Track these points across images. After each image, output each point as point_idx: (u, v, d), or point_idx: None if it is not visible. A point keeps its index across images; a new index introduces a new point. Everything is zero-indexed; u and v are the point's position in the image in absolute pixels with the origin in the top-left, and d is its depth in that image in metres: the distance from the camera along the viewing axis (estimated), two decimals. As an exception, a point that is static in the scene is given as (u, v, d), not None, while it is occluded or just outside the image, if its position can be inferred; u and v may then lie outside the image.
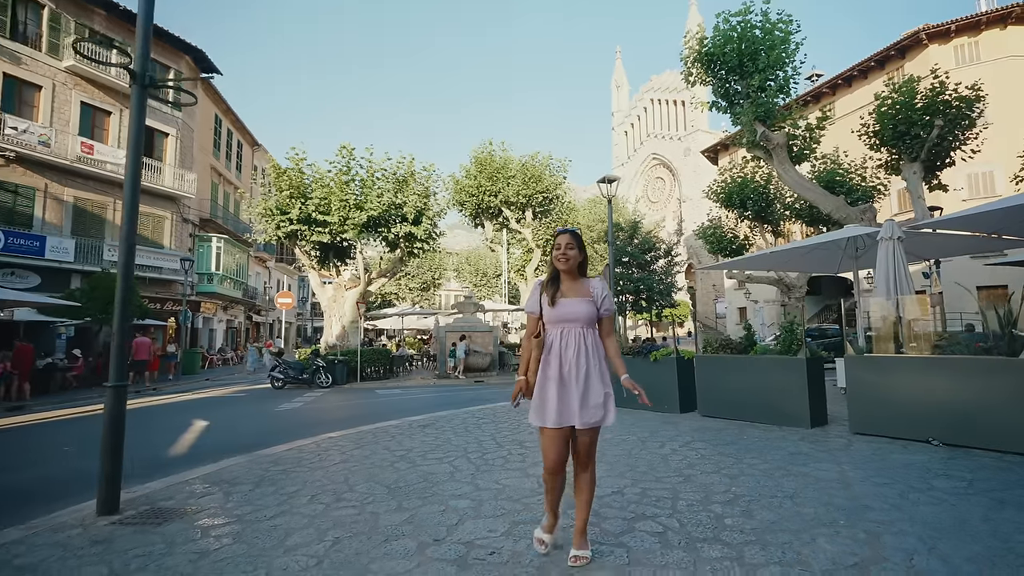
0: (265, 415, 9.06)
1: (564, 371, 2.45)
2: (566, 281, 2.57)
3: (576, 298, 2.52)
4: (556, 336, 2.51)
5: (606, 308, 2.57)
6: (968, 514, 2.97)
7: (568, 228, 2.62)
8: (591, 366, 2.46)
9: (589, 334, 2.51)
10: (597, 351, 2.51)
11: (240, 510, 3.39)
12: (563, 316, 2.49)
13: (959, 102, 12.44)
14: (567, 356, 2.45)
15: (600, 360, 2.50)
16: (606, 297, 2.58)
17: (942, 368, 4.76)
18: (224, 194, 26.49)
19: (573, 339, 2.48)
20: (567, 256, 2.53)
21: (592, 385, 2.44)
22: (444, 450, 5.16)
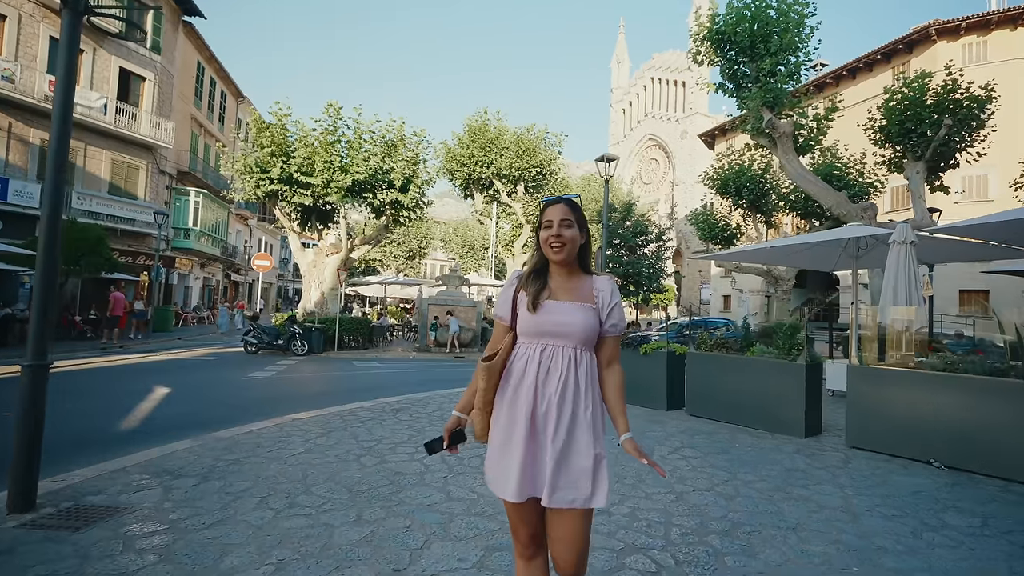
0: (232, 384, 8.61)
1: (538, 412, 1.61)
2: (558, 276, 1.73)
3: (570, 302, 1.68)
4: (533, 357, 1.65)
5: (613, 323, 1.69)
6: (989, 565, 2.68)
7: (563, 196, 1.76)
8: (580, 409, 1.62)
9: (583, 359, 1.66)
10: (592, 387, 1.66)
11: (177, 513, 2.98)
12: (547, 327, 1.65)
13: (970, 102, 12.07)
14: (546, 389, 1.62)
15: (595, 402, 1.65)
16: (615, 306, 1.70)
17: (952, 386, 4.48)
18: (205, 146, 25.37)
19: (559, 364, 1.63)
20: (561, 239, 1.66)
21: (578, 440, 1.60)
22: (416, 442, 4.78)
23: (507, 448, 1.62)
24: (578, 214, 1.72)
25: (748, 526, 3.08)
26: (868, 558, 2.71)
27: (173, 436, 4.87)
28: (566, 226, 1.68)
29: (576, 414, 1.63)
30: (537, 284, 1.72)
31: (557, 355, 1.66)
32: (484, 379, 1.69)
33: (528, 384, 1.64)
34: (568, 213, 1.70)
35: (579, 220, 1.72)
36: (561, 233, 1.67)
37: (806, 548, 2.81)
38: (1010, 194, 18.72)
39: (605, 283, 1.73)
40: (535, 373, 1.65)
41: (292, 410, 6.19)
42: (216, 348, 14.70)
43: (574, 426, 1.62)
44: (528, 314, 1.69)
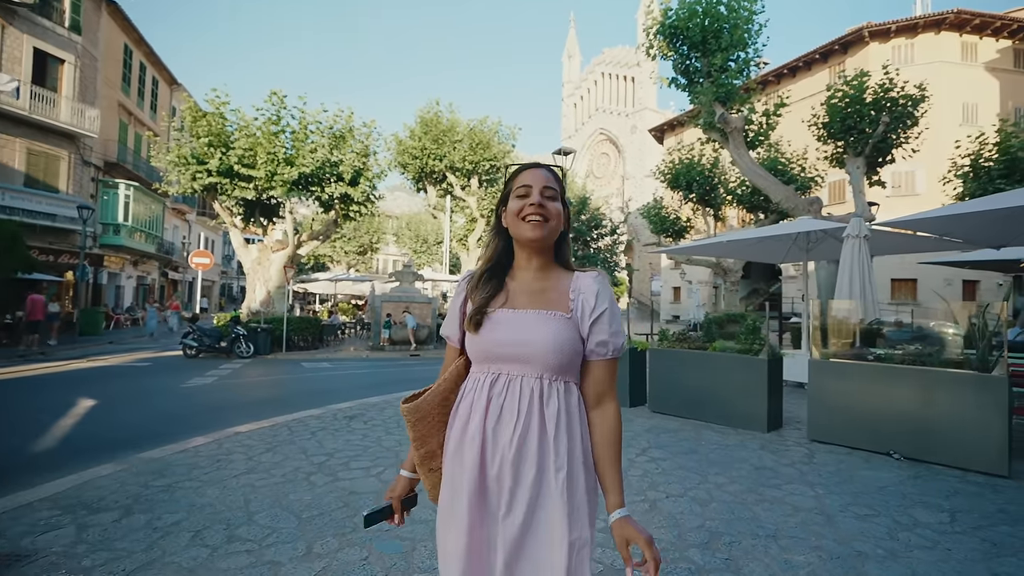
0: (167, 394, 7.95)
1: (488, 474, 1.16)
2: (523, 274, 1.27)
3: (536, 310, 1.21)
4: (480, 393, 1.20)
5: (601, 339, 1.19)
6: (970, 568, 2.64)
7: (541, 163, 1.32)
8: (549, 471, 1.13)
9: (556, 394, 1.16)
10: (571, 436, 1.16)
11: (91, 558, 2.57)
12: (496, 348, 1.19)
13: (905, 100, 12.63)
14: (497, 441, 1.15)
15: (577, 459, 1.15)
16: (604, 314, 1.19)
17: (911, 379, 4.53)
18: (135, 136, 23.68)
19: (515, 402, 1.16)
20: (543, 209, 1.21)
21: (546, 519, 1.12)
22: (372, 455, 4.46)
23: (449, 525, 1.19)
24: (561, 187, 1.28)
25: (727, 536, 2.95)
26: (852, 567, 2.61)
27: (95, 459, 4.35)
28: (549, 197, 1.23)
29: (543, 479, 1.12)
30: (489, 287, 1.26)
31: (513, 389, 1.16)
32: (410, 428, 1.29)
33: (473, 434, 1.17)
34: (552, 181, 1.25)
35: (562, 196, 1.28)
36: (544, 203, 1.21)
37: (789, 558, 2.70)
38: (937, 188, 19.86)
39: (589, 281, 1.21)
40: (481, 417, 1.17)
41: (235, 421, 5.72)
42: (151, 352, 13.71)
43: (539, 497, 1.12)
44: (472, 332, 1.23)
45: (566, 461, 1.13)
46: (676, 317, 35.13)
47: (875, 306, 5.89)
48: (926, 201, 21.99)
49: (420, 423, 1.28)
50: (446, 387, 1.30)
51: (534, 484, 1.12)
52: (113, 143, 21.55)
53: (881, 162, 13.67)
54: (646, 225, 28.06)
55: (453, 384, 1.30)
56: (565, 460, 1.13)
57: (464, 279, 1.34)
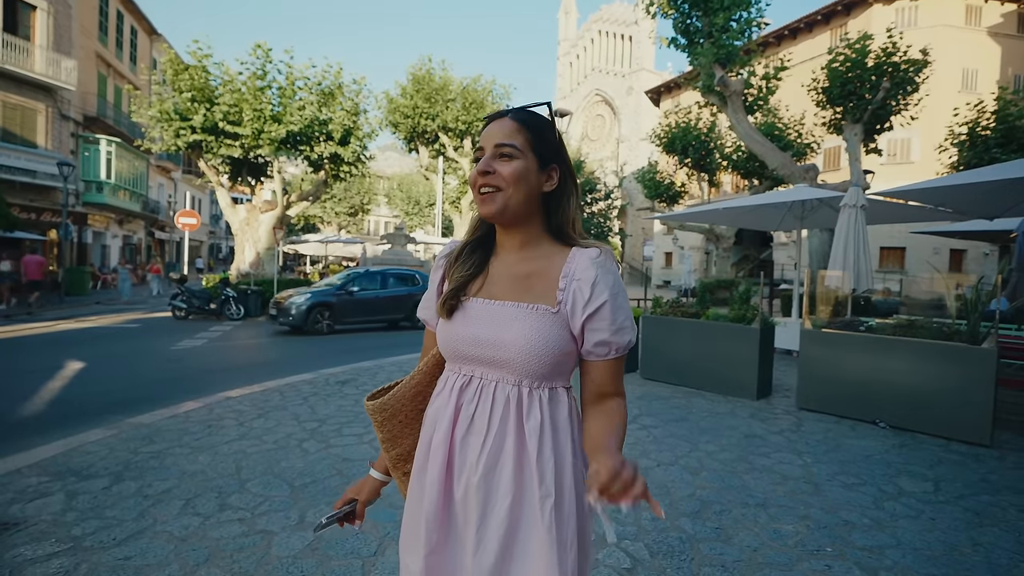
0: (157, 356, 7.89)
1: (453, 497, 0.97)
2: (506, 253, 1.05)
3: (515, 302, 0.98)
4: (450, 398, 1.00)
5: (601, 338, 0.95)
6: (953, 538, 2.69)
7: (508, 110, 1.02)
8: (530, 501, 0.92)
9: (538, 405, 0.95)
10: (557, 455, 0.94)
11: (81, 527, 2.55)
12: (466, 347, 0.99)
13: (907, 65, 12.37)
14: (466, 457, 0.95)
15: (566, 484, 0.94)
16: (604, 306, 0.93)
17: (902, 350, 4.56)
18: (115, 89, 22.83)
19: (486, 413, 0.95)
20: (490, 178, 0.97)
21: (527, 557, 0.92)
22: (365, 421, 4.45)
23: (409, 546, 1.01)
24: (535, 135, 0.98)
25: (717, 504, 2.99)
26: (839, 536, 2.66)
27: (83, 423, 4.32)
28: (504, 155, 0.96)
29: (522, 509, 0.92)
30: (468, 266, 1.04)
31: (486, 397, 0.95)
32: (377, 428, 1.10)
33: (437, 447, 0.97)
34: (513, 133, 0.97)
35: (538, 145, 0.98)
36: (492, 167, 0.96)
37: (778, 528, 2.74)
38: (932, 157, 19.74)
39: (585, 263, 0.95)
40: (448, 428, 0.97)
41: (226, 385, 5.69)
42: (139, 314, 13.58)
43: (518, 530, 0.92)
44: (444, 320, 1.02)
45: (554, 487, 0.91)
46: (667, 282, 35.31)
47: (869, 276, 5.89)
48: (921, 169, 21.90)
49: (389, 422, 1.10)
50: (421, 380, 1.11)
51: (510, 514, 0.91)
52: (92, 96, 20.78)
53: (879, 129, 13.50)
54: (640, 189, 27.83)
55: (430, 377, 1.10)
56: (552, 486, 0.91)
57: (444, 252, 1.11)
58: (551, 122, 1.03)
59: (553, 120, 1.04)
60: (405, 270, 12.73)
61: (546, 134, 1.00)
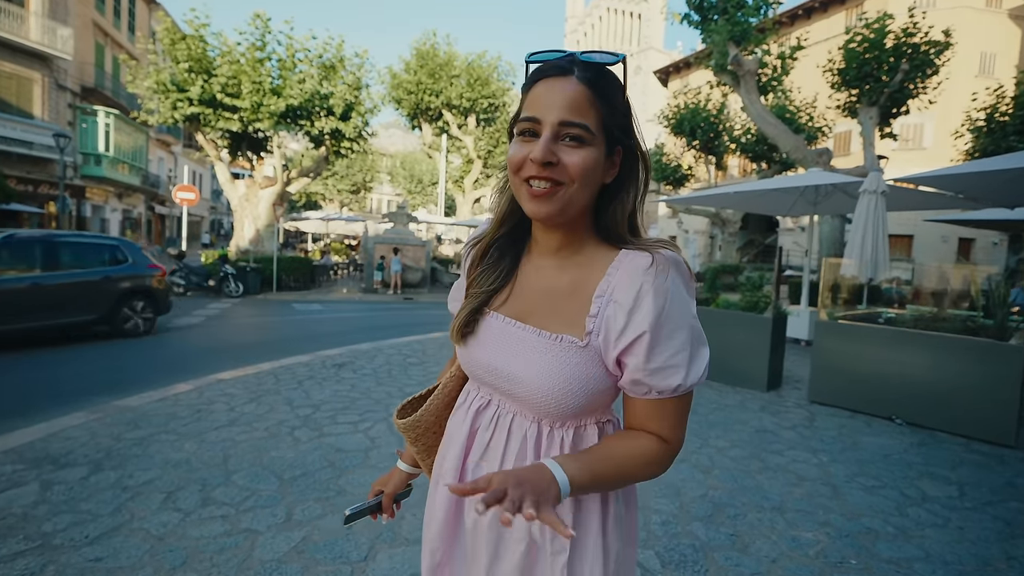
0: (151, 334, 7.72)
1: (466, 518, 0.85)
2: (540, 255, 0.83)
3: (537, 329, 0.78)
4: (465, 419, 0.87)
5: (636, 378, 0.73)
6: (985, 550, 2.52)
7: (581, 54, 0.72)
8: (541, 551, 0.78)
9: (556, 444, 0.78)
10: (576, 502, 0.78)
11: (53, 522, 2.39)
12: (484, 373, 0.83)
13: (928, 47, 11.94)
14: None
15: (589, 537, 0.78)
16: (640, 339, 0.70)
17: (922, 344, 4.36)
18: (113, 60, 22.34)
19: (501, 446, 0.81)
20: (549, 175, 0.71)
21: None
22: (360, 407, 4.29)
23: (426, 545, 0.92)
24: (607, 108, 0.73)
25: (731, 508, 2.82)
26: (863, 546, 2.49)
27: (68, 404, 4.16)
28: (571, 139, 0.71)
29: (535, 564, 0.79)
30: (492, 278, 0.85)
31: (502, 427, 0.82)
32: (410, 444, 1.00)
33: (449, 471, 0.86)
34: (583, 106, 0.71)
35: (611, 124, 0.73)
36: (555, 156, 0.70)
37: (797, 535, 2.57)
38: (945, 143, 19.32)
39: (627, 275, 0.72)
40: (460, 453, 0.85)
41: (219, 366, 5.52)
42: (137, 290, 13.38)
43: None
44: (459, 338, 0.86)
45: (569, 542, 0.76)
46: (671, 267, 34.92)
47: (886, 265, 5.65)
48: (933, 155, 21.46)
49: (423, 437, 0.98)
50: (454, 387, 0.97)
51: (522, 564, 0.79)
52: (90, 67, 20.33)
53: (895, 113, 13.11)
54: (646, 172, 27.31)
55: (462, 382, 0.97)
56: (568, 541, 0.76)
57: (472, 238, 0.91)
58: (622, 84, 0.75)
59: (625, 81, 0.76)
60: (91, 237, 7.63)
61: (620, 106, 0.75)
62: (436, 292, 16.87)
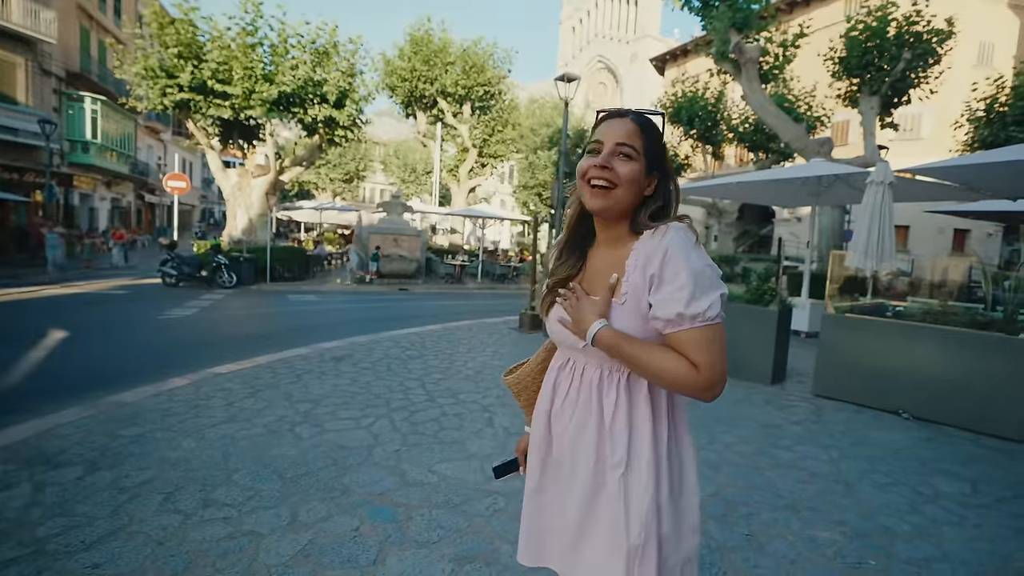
0: (144, 326, 7.59)
1: (551, 456, 1.14)
2: (600, 243, 1.11)
3: (599, 291, 1.06)
4: (550, 377, 1.17)
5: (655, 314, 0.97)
6: (1003, 548, 2.49)
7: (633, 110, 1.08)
8: (606, 467, 1.03)
9: (615, 387, 1.04)
10: (631, 430, 1.02)
11: (46, 527, 2.29)
12: (557, 338, 1.15)
13: (931, 35, 11.85)
14: (558, 427, 1.11)
15: (640, 459, 1.01)
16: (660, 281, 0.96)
17: (930, 337, 4.32)
18: (99, 44, 21.85)
19: (576, 392, 1.09)
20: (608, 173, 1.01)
21: (599, 518, 1.03)
22: (361, 402, 4.20)
23: (528, 484, 1.21)
24: (649, 141, 1.03)
25: (744, 507, 2.77)
26: (880, 546, 2.45)
27: (62, 399, 4.04)
28: (624, 155, 1.01)
29: (599, 474, 1.04)
30: (568, 265, 1.15)
31: (575, 377, 1.11)
32: (516, 397, 1.34)
33: (540, 415, 1.18)
34: (633, 135, 1.02)
35: (651, 152, 1.03)
36: (611, 164, 1.01)
37: (813, 535, 2.52)
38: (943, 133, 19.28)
39: (648, 244, 0.98)
40: (548, 401, 1.16)
41: (215, 360, 5.39)
42: (127, 280, 13.21)
43: (597, 494, 1.04)
44: (543, 310, 1.19)
45: (625, 459, 1.02)
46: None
47: (892, 258, 5.60)
48: (931, 146, 21.43)
49: (524, 392, 1.31)
50: (546, 357, 1.27)
51: (594, 476, 1.05)
52: (75, 51, 19.87)
53: (896, 103, 13.04)
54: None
55: (549, 356, 1.26)
56: (624, 457, 1.02)
57: (552, 247, 1.23)
58: (660, 131, 1.08)
59: (663, 130, 1.09)
60: None
61: (658, 142, 1.06)
62: (431, 283, 16.76)
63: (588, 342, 1.01)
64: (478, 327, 8.23)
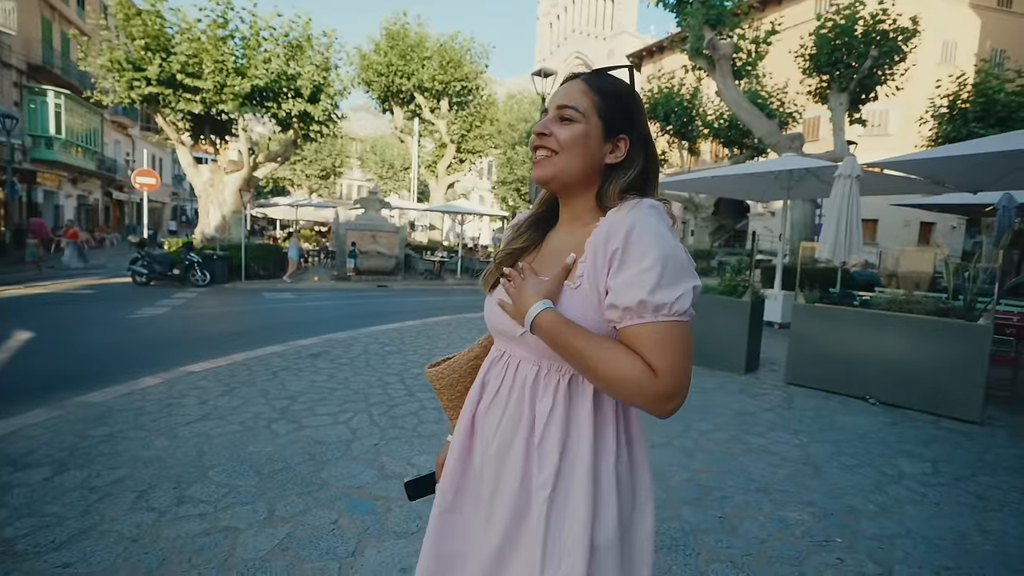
0: (113, 326, 7.40)
1: (475, 458, 0.96)
2: (561, 222, 0.98)
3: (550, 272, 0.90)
4: (484, 367, 1.01)
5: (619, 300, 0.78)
6: (961, 524, 2.60)
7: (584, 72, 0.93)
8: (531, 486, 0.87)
9: (549, 388, 0.87)
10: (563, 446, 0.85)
11: (14, 528, 2.24)
12: (492, 323, 0.97)
13: (897, 33, 12.18)
14: (485, 431, 0.94)
15: (573, 478, 0.84)
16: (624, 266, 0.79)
17: (895, 325, 4.47)
18: (62, 36, 21.14)
19: (506, 392, 0.92)
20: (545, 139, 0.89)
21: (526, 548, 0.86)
22: (339, 398, 4.18)
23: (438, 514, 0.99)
24: (603, 99, 0.88)
25: (718, 491, 2.84)
26: (846, 525, 2.54)
27: (25, 402, 3.92)
28: (566, 118, 0.88)
29: (524, 494, 0.87)
30: (521, 239, 0.99)
31: (508, 374, 0.93)
32: (438, 396, 1.14)
33: (464, 416, 0.99)
34: (578, 95, 0.88)
35: (608, 112, 0.88)
36: (549, 129, 0.89)
37: (783, 515, 2.60)
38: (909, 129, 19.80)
39: (609, 221, 0.83)
40: (474, 398, 0.98)
41: (188, 359, 5.30)
42: (95, 279, 12.85)
43: (523, 517, 0.87)
44: (488, 295, 1.01)
45: (553, 478, 0.84)
46: (643, 252, 35.35)
47: (860, 249, 5.77)
48: (897, 141, 22.02)
49: (448, 391, 1.12)
50: (479, 353, 1.10)
51: (517, 497, 0.87)
52: (36, 43, 19.20)
53: (864, 99, 13.38)
54: (619, 157, 27.39)
55: (487, 350, 1.09)
56: (552, 477, 0.84)
57: (513, 223, 1.07)
58: (629, 88, 0.93)
59: (632, 86, 0.94)
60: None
61: (618, 99, 0.91)
62: (410, 279, 16.67)
63: (526, 328, 0.83)
64: (457, 322, 8.22)
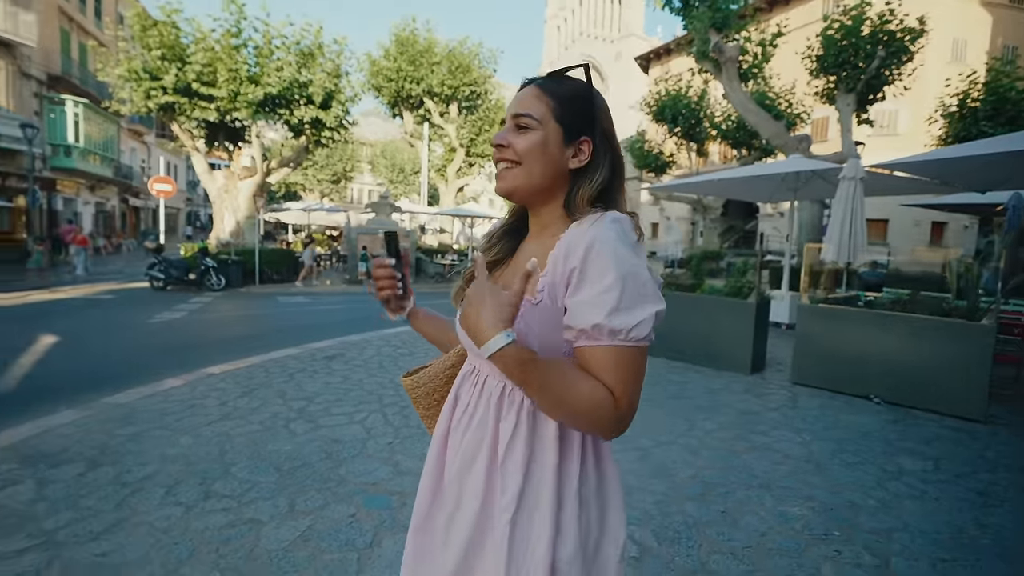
0: (134, 330, 7.62)
1: (446, 476, 0.91)
2: (531, 237, 0.94)
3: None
4: (458, 378, 0.98)
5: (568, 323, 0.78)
6: (959, 519, 2.67)
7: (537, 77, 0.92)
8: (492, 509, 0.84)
9: (513, 406, 0.84)
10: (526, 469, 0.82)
11: (55, 519, 2.39)
12: (460, 337, 0.92)
13: (903, 33, 12.15)
14: (454, 446, 0.90)
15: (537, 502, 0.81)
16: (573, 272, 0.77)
17: (899, 325, 4.52)
18: (80, 47, 21.63)
19: (474, 407, 0.89)
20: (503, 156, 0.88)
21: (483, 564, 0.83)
22: (354, 399, 4.32)
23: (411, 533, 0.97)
24: (558, 102, 0.86)
25: (721, 487, 2.93)
26: (845, 519, 2.62)
27: (56, 402, 4.10)
28: (521, 127, 0.86)
29: (486, 516, 0.84)
30: (497, 249, 0.98)
31: (476, 389, 0.90)
32: (415, 405, 1.11)
33: (437, 432, 0.96)
34: (531, 102, 0.86)
35: (563, 114, 0.86)
36: (506, 140, 0.87)
37: (784, 510, 2.69)
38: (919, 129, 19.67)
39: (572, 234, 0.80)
40: (447, 418, 0.94)
41: (207, 361, 5.47)
42: (114, 284, 13.15)
43: (483, 539, 0.84)
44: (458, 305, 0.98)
45: (515, 501, 0.80)
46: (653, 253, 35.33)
47: (864, 250, 5.82)
48: (907, 141, 21.85)
49: (424, 400, 1.08)
50: (456, 362, 1.05)
51: (478, 519, 0.84)
52: (55, 54, 19.66)
53: (871, 99, 13.34)
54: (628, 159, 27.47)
55: (463, 359, 1.03)
56: (514, 500, 0.80)
57: (487, 232, 1.05)
58: (586, 87, 0.89)
59: (590, 85, 0.90)
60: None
61: (575, 102, 0.87)
62: (421, 282, 16.83)
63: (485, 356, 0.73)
64: (467, 325, 8.34)
